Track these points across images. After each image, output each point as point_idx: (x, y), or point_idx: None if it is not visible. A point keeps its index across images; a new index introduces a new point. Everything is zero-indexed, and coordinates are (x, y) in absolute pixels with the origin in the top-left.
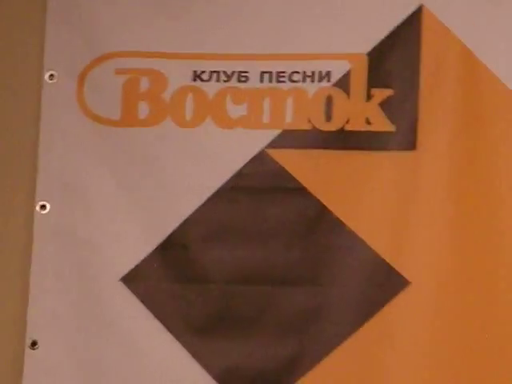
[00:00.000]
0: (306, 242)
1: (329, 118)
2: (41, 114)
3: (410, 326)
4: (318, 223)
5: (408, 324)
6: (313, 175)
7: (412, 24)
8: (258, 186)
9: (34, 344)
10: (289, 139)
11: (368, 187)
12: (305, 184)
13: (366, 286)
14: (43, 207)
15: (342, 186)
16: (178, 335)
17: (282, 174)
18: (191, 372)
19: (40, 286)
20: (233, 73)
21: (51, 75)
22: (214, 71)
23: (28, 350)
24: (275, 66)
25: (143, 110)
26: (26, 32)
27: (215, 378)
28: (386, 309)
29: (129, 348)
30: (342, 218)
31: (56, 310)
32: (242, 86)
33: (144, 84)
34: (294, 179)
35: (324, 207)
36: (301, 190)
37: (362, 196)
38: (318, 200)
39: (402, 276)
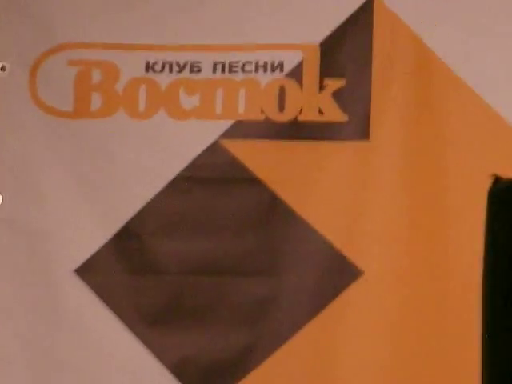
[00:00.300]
0: (260, 233)
1: (282, 108)
2: None
3: (364, 315)
4: (272, 213)
5: (361, 313)
6: (266, 166)
7: (364, 14)
8: (212, 177)
9: None
10: (242, 130)
11: (321, 177)
12: (258, 175)
13: (320, 275)
14: None
15: (295, 176)
16: (131, 326)
17: (235, 164)
18: (145, 363)
19: None
20: (185, 63)
21: (2, 67)
22: (167, 62)
23: None
24: (228, 57)
25: (96, 101)
26: None
27: (169, 369)
28: (340, 298)
29: (82, 340)
30: (295, 208)
31: (8, 304)
32: (194, 76)
33: (96, 75)
34: (247, 170)
35: (277, 198)
36: (254, 181)
37: (316, 186)
38: (272, 190)
39: (355, 266)
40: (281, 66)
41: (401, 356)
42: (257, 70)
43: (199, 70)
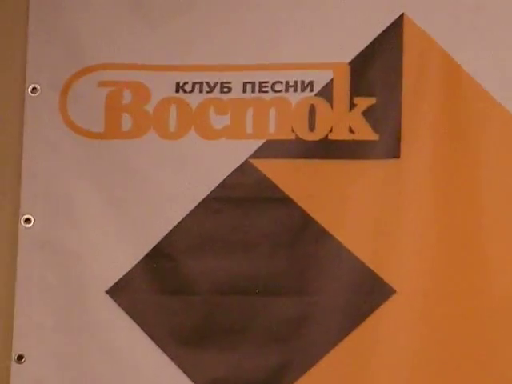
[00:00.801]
0: (291, 252)
1: (312, 127)
2: (24, 127)
3: (396, 334)
4: (303, 233)
5: (394, 332)
6: (297, 185)
7: (393, 32)
8: (242, 196)
9: (20, 358)
10: (272, 149)
11: (352, 196)
12: (289, 194)
13: (352, 294)
14: (27, 221)
15: (326, 195)
16: (164, 347)
17: (265, 183)
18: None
19: (26, 300)
20: (216, 83)
21: (34, 88)
22: (197, 82)
23: (14, 364)
24: (258, 77)
25: (126, 122)
26: (8, 45)
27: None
28: (372, 317)
29: (115, 360)
30: (326, 228)
31: (42, 323)
32: (224, 96)
33: (127, 96)
34: (277, 189)
35: (308, 217)
36: (285, 200)
37: (347, 205)
38: (303, 209)
39: (387, 284)
40: (311, 85)
41: (435, 375)
42: (287, 89)
43: (229, 90)
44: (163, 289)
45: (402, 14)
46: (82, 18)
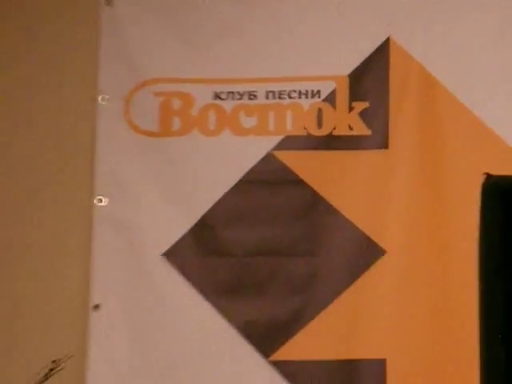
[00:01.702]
0: (304, 222)
1: (320, 125)
2: (96, 128)
3: (387, 285)
4: (313, 207)
5: (385, 284)
6: (308, 170)
7: (382, 51)
8: (266, 180)
9: (96, 307)
10: (289, 143)
11: (351, 178)
12: (302, 177)
13: (352, 254)
14: (100, 200)
15: (331, 177)
16: (207, 297)
17: (284, 170)
18: (219, 326)
19: (100, 261)
20: (244, 92)
21: (104, 97)
22: (230, 92)
23: (92, 312)
24: (277, 87)
25: (176, 123)
26: (83, 64)
27: (238, 329)
28: (368, 272)
29: (169, 309)
30: (331, 203)
31: (112, 280)
32: (251, 102)
33: (176, 103)
34: (293, 173)
35: (317, 195)
36: (299, 182)
37: (347, 185)
38: (313, 189)
39: (380, 246)
40: (318, 93)
41: (415, 314)
42: (300, 96)
43: (255, 97)
44: (207, 252)
45: (388, 38)
46: (141, 43)
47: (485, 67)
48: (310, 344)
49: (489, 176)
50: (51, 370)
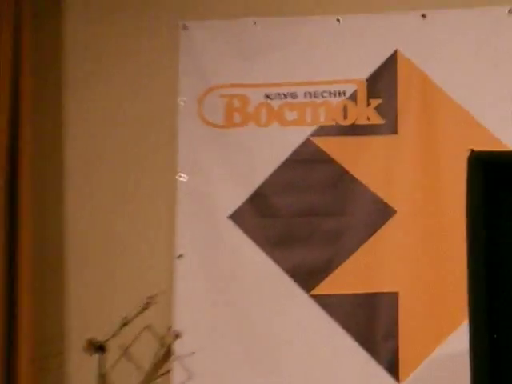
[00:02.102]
0: (334, 191)
1: (345, 117)
2: (177, 122)
3: (398, 237)
4: (341, 179)
5: (396, 236)
6: (337, 151)
7: (391, 60)
8: (306, 159)
9: (180, 256)
10: (322, 131)
11: (370, 156)
12: (332, 156)
13: (371, 214)
14: (181, 177)
15: (354, 156)
16: (263, 248)
17: (318, 151)
18: (272, 271)
19: (182, 223)
20: (288, 93)
21: (182, 100)
22: (278, 93)
23: (176, 261)
24: (313, 88)
25: (236, 118)
26: (167, 74)
27: (287, 272)
28: (383, 227)
29: (235, 257)
30: (354, 175)
31: (192, 236)
32: (294, 101)
33: (236, 103)
34: (325, 154)
35: (344, 169)
36: (330, 160)
37: (366, 161)
38: (340, 165)
39: (391, 207)
40: (344, 93)
41: (420, 257)
42: (330, 95)
43: (296, 97)
44: (262, 214)
45: (396, 50)
46: (209, 57)
47: (469, 70)
48: (340, 282)
49: (472, 151)
50: (147, 303)
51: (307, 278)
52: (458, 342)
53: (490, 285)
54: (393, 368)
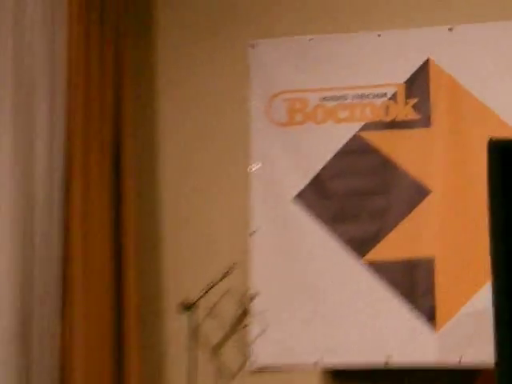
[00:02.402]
0: (379, 174)
1: (387, 115)
2: (250, 121)
3: (433, 212)
4: (384, 165)
5: (432, 211)
6: (380, 142)
7: (424, 67)
8: (355, 150)
9: (253, 232)
10: (368, 126)
11: (408, 146)
12: (377, 147)
13: (410, 193)
14: (254, 166)
15: (395, 146)
16: (325, 223)
17: (365, 143)
18: (332, 243)
19: (254, 204)
20: (340, 96)
21: (254, 103)
22: (332, 96)
23: (250, 236)
24: (360, 91)
25: (298, 117)
26: (240, 84)
27: (345, 243)
28: (421, 204)
29: (300, 232)
30: (395, 161)
31: (262, 214)
32: (345, 101)
33: (297, 104)
34: (371, 145)
35: (386, 157)
36: (375, 150)
37: (405, 150)
38: (384, 154)
39: (427, 188)
40: (386, 94)
41: (454, 227)
42: (374, 97)
43: (347, 99)
44: (320, 195)
45: (428, 58)
46: (274, 72)
47: (490, 73)
48: (386, 249)
49: (491, 139)
50: (228, 270)
51: (359, 247)
52: (484, 298)
53: (508, 252)
54: (431, 319)
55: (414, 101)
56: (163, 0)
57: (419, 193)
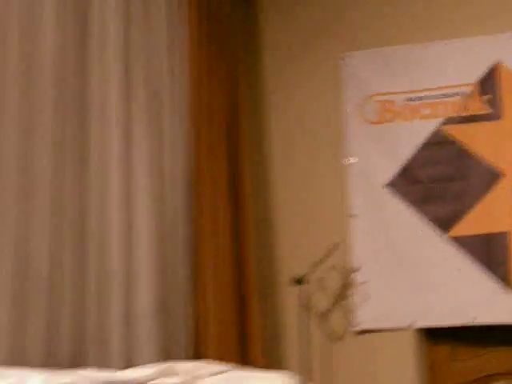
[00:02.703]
0: (457, 162)
1: (465, 110)
2: (346, 121)
3: (506, 194)
4: (461, 153)
5: (504, 193)
6: (458, 134)
7: (495, 69)
8: (437, 141)
9: (353, 215)
10: (448, 121)
11: (483, 137)
12: (455, 139)
13: (485, 178)
14: (350, 159)
15: (471, 137)
16: (413, 206)
17: (446, 135)
18: (418, 220)
19: (353, 191)
20: (423, 96)
21: (349, 106)
22: (416, 96)
23: (350, 218)
24: (441, 91)
25: (387, 116)
26: (335, 90)
27: (432, 221)
28: (494, 186)
29: (392, 214)
30: (471, 151)
31: (359, 199)
32: (428, 101)
33: (386, 105)
34: (451, 136)
35: (464, 147)
36: (454, 142)
37: (480, 139)
38: (461, 144)
39: (501, 172)
40: (462, 93)
41: None
42: (453, 95)
43: (429, 98)
44: (409, 182)
45: (497, 60)
46: (365, 75)
47: None
48: (467, 226)
49: None
50: (332, 248)
51: (444, 224)
52: None
53: None
54: (506, 281)
55: (487, 97)
56: (268, 24)
57: (493, 176)
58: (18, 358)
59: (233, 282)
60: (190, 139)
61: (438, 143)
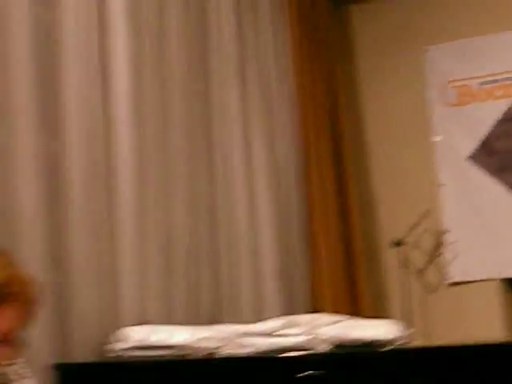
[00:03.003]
0: None
1: None
2: (429, 105)
3: None
4: None
5: None
6: None
7: None
8: (510, 117)
9: (441, 185)
10: None
11: None
12: None
13: None
14: (436, 137)
15: None
16: (491, 174)
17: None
18: (496, 186)
19: (440, 163)
20: (496, 80)
21: (431, 92)
22: (490, 80)
23: (439, 188)
24: (510, 75)
25: (465, 99)
26: (419, 78)
27: (509, 187)
28: None
29: (474, 180)
30: None
31: (445, 170)
32: (500, 83)
33: (464, 89)
34: None
35: None
36: None
37: None
38: None
39: None
40: None
41: None
42: None
43: (502, 81)
44: (487, 154)
45: None
46: (443, 64)
47: None
48: None
49: None
50: (425, 213)
51: None
52: None
53: None
54: None
55: None
56: (358, 22)
57: None
58: (166, 318)
59: (342, 248)
60: (298, 131)
61: (511, 119)
